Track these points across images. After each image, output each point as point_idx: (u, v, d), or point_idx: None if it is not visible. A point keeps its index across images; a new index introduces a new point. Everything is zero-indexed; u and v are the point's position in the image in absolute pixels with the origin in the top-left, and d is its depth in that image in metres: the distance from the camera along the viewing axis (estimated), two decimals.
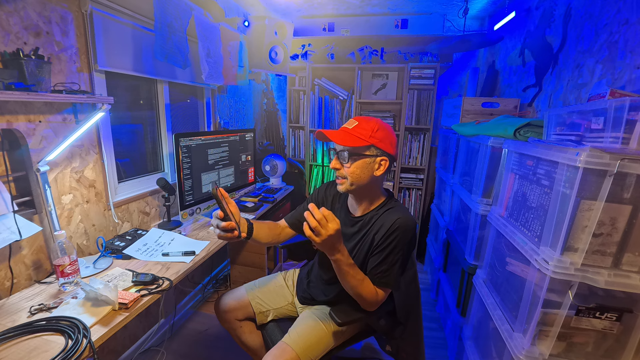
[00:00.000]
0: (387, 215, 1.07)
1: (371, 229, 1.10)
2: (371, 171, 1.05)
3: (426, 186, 2.91)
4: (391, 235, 1.03)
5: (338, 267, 0.98)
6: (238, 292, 1.39)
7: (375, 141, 1.02)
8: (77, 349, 0.83)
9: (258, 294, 1.36)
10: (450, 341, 1.86)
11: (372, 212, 1.13)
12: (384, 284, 1.05)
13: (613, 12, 1.26)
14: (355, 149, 1.02)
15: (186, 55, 1.65)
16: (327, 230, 0.87)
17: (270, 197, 2.30)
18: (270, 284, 1.41)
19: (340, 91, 2.93)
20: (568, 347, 0.99)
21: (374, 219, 1.10)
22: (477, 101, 1.94)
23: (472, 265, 1.57)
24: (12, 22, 1.06)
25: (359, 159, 1.03)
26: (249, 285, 1.41)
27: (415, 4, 2.40)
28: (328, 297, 1.24)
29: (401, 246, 1.03)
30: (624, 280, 0.86)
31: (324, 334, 1.15)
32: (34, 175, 1.13)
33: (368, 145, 1.02)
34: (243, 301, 1.35)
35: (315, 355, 1.11)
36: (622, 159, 0.79)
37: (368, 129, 1.02)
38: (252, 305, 1.34)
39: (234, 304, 1.34)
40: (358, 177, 1.04)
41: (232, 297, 1.37)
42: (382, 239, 1.04)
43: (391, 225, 1.03)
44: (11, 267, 1.11)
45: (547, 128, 1.20)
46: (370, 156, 1.03)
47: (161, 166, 1.98)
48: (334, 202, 1.26)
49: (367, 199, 1.13)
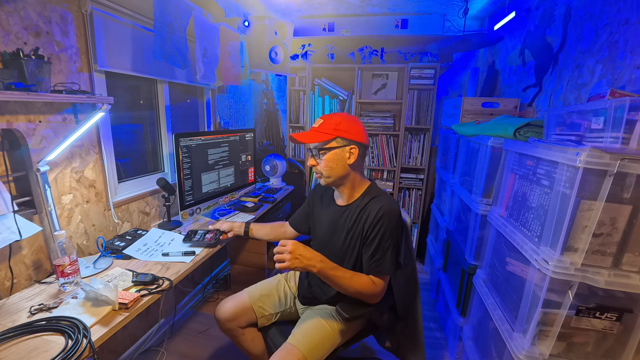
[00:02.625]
0: (372, 205, 1.13)
1: (360, 217, 1.14)
2: (343, 161, 1.12)
3: (426, 186, 2.91)
4: (377, 224, 1.09)
5: (325, 276, 1.04)
6: (239, 297, 1.34)
7: (340, 132, 1.10)
8: (77, 349, 0.83)
9: (260, 298, 1.33)
10: (450, 341, 1.86)
11: (357, 200, 1.18)
12: (380, 271, 1.09)
13: (613, 12, 1.26)
14: (321, 143, 1.12)
15: (185, 56, 1.65)
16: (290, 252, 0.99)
17: (270, 197, 2.30)
18: (272, 287, 1.39)
19: (340, 91, 2.93)
20: (568, 347, 0.99)
21: (359, 207, 1.15)
22: (477, 101, 1.94)
23: (472, 265, 1.57)
24: (12, 22, 1.06)
25: (328, 152, 1.11)
26: (251, 290, 1.36)
27: (415, 4, 2.40)
28: (329, 295, 1.24)
29: (389, 232, 1.09)
30: (624, 280, 0.86)
31: (328, 332, 1.15)
32: (34, 175, 1.13)
33: (333, 138, 1.10)
34: (245, 306, 1.31)
35: (320, 354, 1.11)
36: (622, 159, 0.79)
37: (332, 123, 1.11)
38: (255, 309, 1.31)
39: (235, 310, 1.29)
40: (332, 169, 1.12)
41: (233, 303, 1.31)
42: (370, 229, 1.10)
43: (376, 214, 1.09)
44: (11, 267, 1.11)
45: (547, 128, 1.20)
46: (338, 147, 1.11)
47: (161, 166, 1.98)
48: (323, 198, 1.31)
49: (348, 187, 1.18)
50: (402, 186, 2.94)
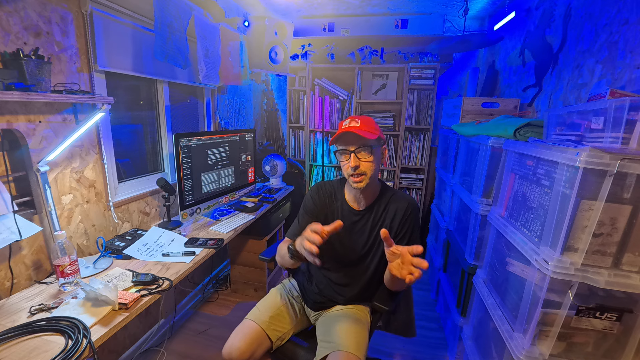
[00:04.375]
0: (395, 202, 1.17)
1: (383, 217, 1.17)
2: (380, 161, 1.15)
3: (426, 186, 2.91)
4: (409, 219, 1.16)
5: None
6: (247, 327, 1.16)
7: (379, 133, 1.11)
8: (77, 349, 0.83)
9: (270, 320, 1.19)
10: (450, 341, 1.86)
11: (375, 201, 1.19)
12: None
13: (613, 12, 1.26)
14: (374, 141, 1.09)
15: (186, 56, 1.65)
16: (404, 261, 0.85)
17: (270, 197, 2.30)
18: (278, 304, 1.26)
19: (340, 91, 2.93)
20: (568, 347, 0.99)
21: (381, 207, 1.18)
22: (477, 101, 1.94)
23: (472, 265, 1.57)
24: (12, 22, 1.06)
25: (376, 151, 1.11)
26: (255, 315, 1.21)
27: (415, 4, 2.40)
28: (347, 296, 1.24)
29: (417, 223, 1.19)
30: (624, 280, 0.86)
31: (363, 328, 1.15)
32: (34, 175, 1.13)
33: (378, 137, 1.09)
34: (259, 336, 1.15)
35: (365, 351, 1.10)
36: (622, 159, 0.79)
37: (372, 123, 1.10)
38: (269, 333, 1.16)
39: (250, 344, 1.12)
40: (375, 169, 1.11)
41: (244, 336, 1.13)
42: (402, 224, 1.15)
43: (405, 210, 1.15)
44: (11, 267, 1.11)
45: (547, 128, 1.20)
46: (379, 146, 1.13)
47: (161, 166, 1.98)
48: (332, 202, 1.23)
49: (372, 189, 1.18)
50: (402, 186, 2.94)
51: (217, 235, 1.64)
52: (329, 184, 1.27)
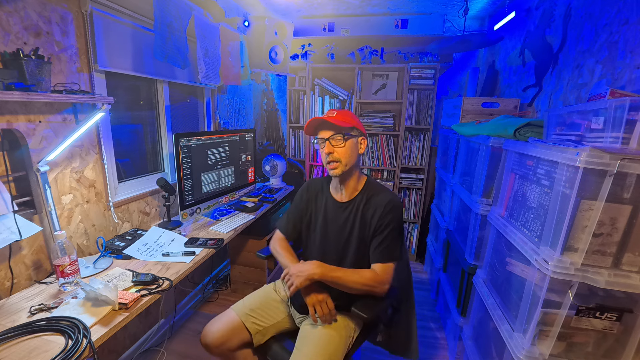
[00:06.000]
0: (377, 199, 1.19)
1: (364, 211, 1.19)
2: (357, 150, 1.19)
3: (426, 186, 2.91)
4: (388, 216, 1.16)
5: (328, 278, 1.10)
6: (226, 316, 1.21)
7: (355, 123, 1.17)
8: (77, 349, 0.83)
9: (251, 312, 1.22)
10: (450, 341, 1.86)
11: (359, 195, 1.23)
12: (388, 258, 1.14)
13: (613, 12, 1.26)
14: (346, 129, 1.15)
15: (186, 55, 1.65)
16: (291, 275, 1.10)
17: (270, 197, 2.30)
18: (263, 298, 1.29)
19: (340, 91, 2.93)
20: (568, 347, 0.99)
21: (362, 202, 1.21)
22: (477, 101, 1.94)
23: (472, 265, 1.57)
24: (12, 22, 1.06)
25: (349, 139, 1.16)
26: (238, 306, 1.25)
27: (415, 4, 2.40)
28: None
29: (396, 222, 1.17)
30: (624, 280, 0.86)
31: (337, 341, 1.11)
32: (34, 175, 1.13)
33: (352, 127, 1.16)
34: (235, 325, 1.18)
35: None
36: (622, 159, 0.79)
37: (347, 114, 1.17)
38: (247, 326, 1.19)
39: (225, 332, 1.16)
40: (350, 156, 1.16)
41: (221, 324, 1.18)
42: (380, 220, 1.16)
43: (385, 207, 1.16)
44: (11, 267, 1.11)
45: (547, 128, 1.20)
46: (355, 136, 1.18)
47: (161, 166, 1.98)
48: (318, 196, 1.32)
49: (353, 180, 1.23)
50: (402, 186, 2.94)
51: (217, 235, 1.65)
52: (318, 180, 1.36)
